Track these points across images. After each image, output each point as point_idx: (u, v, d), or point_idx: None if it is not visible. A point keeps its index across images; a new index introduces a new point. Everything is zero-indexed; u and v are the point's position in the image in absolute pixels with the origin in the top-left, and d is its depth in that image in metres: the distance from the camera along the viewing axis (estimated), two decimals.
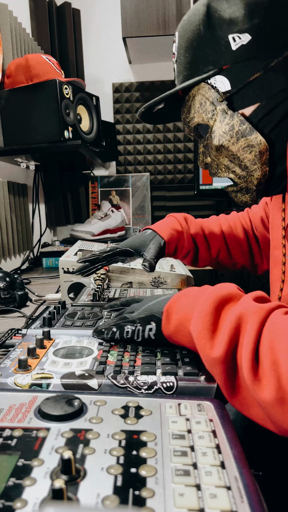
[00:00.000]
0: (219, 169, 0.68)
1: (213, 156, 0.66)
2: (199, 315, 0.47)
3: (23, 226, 1.68)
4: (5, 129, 1.34)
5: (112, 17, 2.03)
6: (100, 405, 0.43)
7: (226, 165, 0.66)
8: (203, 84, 0.62)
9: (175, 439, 0.37)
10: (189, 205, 2.14)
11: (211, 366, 0.45)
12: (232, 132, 0.61)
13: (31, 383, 0.50)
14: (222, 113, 0.61)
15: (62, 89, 1.26)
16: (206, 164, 0.71)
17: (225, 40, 0.57)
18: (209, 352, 0.44)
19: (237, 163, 0.64)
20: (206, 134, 0.66)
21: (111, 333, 0.60)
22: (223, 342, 0.43)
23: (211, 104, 0.62)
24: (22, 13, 1.77)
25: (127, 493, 0.30)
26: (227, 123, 0.61)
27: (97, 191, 2.11)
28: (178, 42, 0.64)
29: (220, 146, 0.63)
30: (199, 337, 0.46)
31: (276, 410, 0.38)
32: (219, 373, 0.44)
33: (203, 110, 0.63)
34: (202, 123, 0.65)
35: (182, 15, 1.71)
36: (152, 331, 0.56)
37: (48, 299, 1.08)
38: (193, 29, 0.61)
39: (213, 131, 0.63)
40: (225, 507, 0.29)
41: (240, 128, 0.60)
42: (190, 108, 0.66)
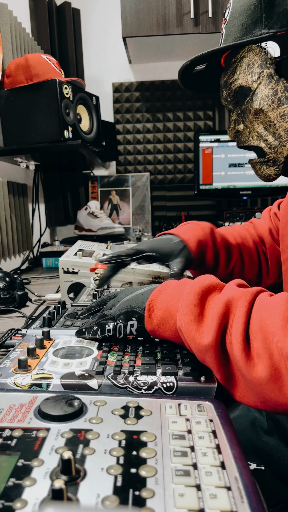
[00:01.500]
0: (250, 136, 0.67)
1: (248, 121, 0.66)
2: (185, 307, 0.48)
3: (23, 226, 1.68)
4: (5, 129, 1.34)
5: (112, 17, 2.03)
6: (100, 405, 0.43)
7: (260, 132, 0.65)
8: (255, 46, 0.63)
9: (175, 440, 0.37)
10: (189, 205, 2.14)
11: (203, 355, 0.46)
12: (274, 97, 0.61)
13: (31, 383, 0.50)
14: (268, 77, 0.62)
15: (62, 89, 1.26)
16: (237, 132, 0.70)
17: (283, 8, 0.59)
18: (200, 341, 0.45)
19: (272, 131, 0.64)
20: (245, 98, 0.66)
21: (92, 332, 0.60)
22: (212, 329, 0.44)
23: (259, 66, 0.62)
24: (22, 13, 1.77)
25: (127, 493, 0.30)
26: (271, 88, 0.62)
27: (97, 191, 2.11)
28: (233, 7, 0.66)
29: (259, 110, 0.63)
30: (187, 328, 0.47)
31: (270, 387, 0.39)
32: (212, 360, 0.44)
33: (249, 72, 0.63)
34: (245, 85, 0.64)
35: (182, 15, 1.71)
36: (134, 326, 0.57)
37: (48, 299, 1.08)
38: None
39: (256, 93, 0.63)
40: (225, 507, 0.29)
41: (282, 95, 0.61)
42: (235, 69, 0.66)
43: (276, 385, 0.39)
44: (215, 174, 1.95)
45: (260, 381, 0.39)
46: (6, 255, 1.51)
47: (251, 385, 0.42)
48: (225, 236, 0.89)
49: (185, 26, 1.72)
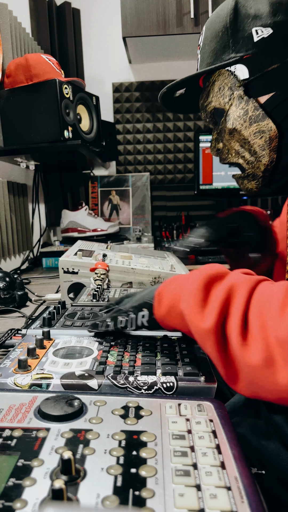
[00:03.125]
0: (229, 154, 0.71)
1: (226, 140, 0.70)
2: (189, 292, 0.49)
3: (23, 226, 1.68)
4: (5, 129, 1.34)
5: (112, 17, 2.03)
6: (100, 405, 0.43)
7: (237, 150, 0.69)
8: (224, 70, 0.67)
9: (175, 440, 0.37)
10: (189, 205, 2.14)
11: (203, 339, 0.46)
12: (245, 116, 0.65)
13: (31, 383, 0.50)
14: (238, 98, 0.66)
15: (62, 88, 1.26)
16: (217, 150, 0.74)
17: (248, 32, 0.63)
18: (200, 324, 0.45)
19: (247, 148, 0.67)
20: (220, 119, 0.70)
21: (105, 325, 0.61)
22: (214, 313, 0.45)
23: (229, 89, 0.66)
24: (22, 13, 1.77)
25: (127, 493, 0.30)
26: (242, 108, 0.65)
27: (97, 191, 2.11)
28: (205, 34, 0.71)
29: (233, 130, 0.67)
30: (190, 311, 0.47)
31: (264, 373, 0.39)
32: (211, 345, 0.44)
33: (221, 95, 0.68)
34: (219, 107, 0.69)
35: (182, 15, 1.71)
36: (144, 317, 0.57)
37: (48, 299, 1.08)
38: (220, 21, 0.67)
39: (228, 114, 0.67)
40: (225, 507, 0.29)
41: (253, 114, 0.65)
42: (209, 93, 0.70)
43: (269, 371, 0.39)
44: (215, 174, 1.95)
45: (253, 366, 0.39)
46: (6, 255, 1.51)
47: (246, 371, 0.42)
48: None
49: (185, 26, 1.72)
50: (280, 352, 0.38)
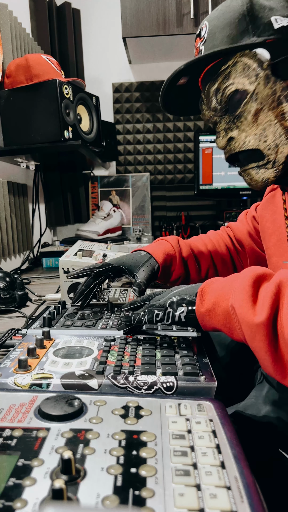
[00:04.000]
0: (247, 139, 0.67)
1: (246, 124, 0.67)
2: (239, 288, 0.50)
3: (23, 226, 1.68)
4: (5, 129, 1.34)
5: (112, 17, 2.03)
6: (100, 405, 0.43)
7: (259, 133, 0.66)
8: (247, 51, 0.65)
9: (175, 439, 0.37)
10: (189, 205, 2.14)
11: (254, 333, 0.46)
12: (274, 96, 0.64)
13: (31, 383, 0.50)
14: (266, 78, 0.64)
15: (62, 89, 1.26)
16: (229, 139, 0.70)
17: (268, 20, 0.63)
18: (252, 319, 0.46)
19: (272, 130, 0.65)
20: (240, 102, 0.67)
21: (138, 317, 0.62)
22: (265, 307, 0.45)
23: (255, 69, 0.64)
24: (22, 13, 1.77)
25: (127, 493, 0.30)
26: (270, 87, 0.64)
27: (97, 191, 2.11)
28: (211, 25, 0.68)
29: (259, 110, 0.65)
30: (241, 306, 0.48)
31: None
32: (262, 339, 0.45)
33: (246, 75, 0.65)
34: (242, 88, 0.66)
35: (182, 15, 1.71)
36: (183, 313, 0.58)
37: (48, 299, 1.08)
38: (234, 10, 0.65)
39: (255, 93, 0.65)
40: (225, 507, 0.29)
41: (281, 94, 0.63)
42: (229, 74, 0.66)
43: None
44: (215, 174, 1.95)
45: None
46: (6, 255, 1.51)
47: None
48: (194, 245, 0.93)
49: (185, 26, 1.72)
50: None
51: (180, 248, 0.90)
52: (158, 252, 0.84)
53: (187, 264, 0.90)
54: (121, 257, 0.85)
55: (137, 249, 0.87)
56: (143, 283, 0.77)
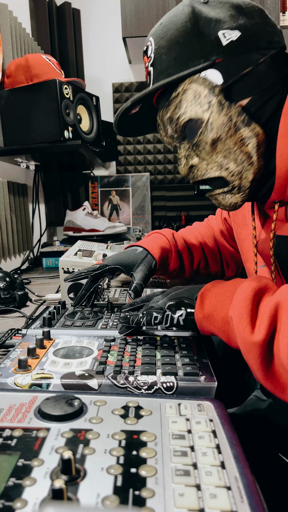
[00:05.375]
0: (209, 168, 0.64)
1: (205, 153, 0.63)
2: (239, 301, 0.49)
3: (23, 226, 1.68)
4: (5, 129, 1.34)
5: (112, 17, 2.03)
6: (100, 405, 0.43)
7: (220, 162, 0.63)
8: (196, 77, 0.61)
9: (175, 439, 0.37)
10: (189, 205, 2.14)
11: (248, 350, 0.46)
12: (230, 123, 0.60)
13: (31, 383, 0.50)
14: (219, 105, 0.60)
15: (62, 89, 1.26)
16: (191, 167, 0.67)
17: (215, 36, 0.59)
18: (249, 336, 0.46)
19: (233, 158, 0.61)
20: (196, 131, 0.63)
21: (137, 319, 0.62)
22: (263, 327, 0.45)
23: (206, 96, 0.60)
24: (22, 13, 1.77)
25: (127, 493, 0.30)
26: (225, 114, 0.60)
27: (97, 191, 2.11)
28: (156, 44, 0.63)
29: (217, 140, 0.61)
30: (239, 322, 0.48)
31: None
32: (255, 357, 0.45)
33: (198, 103, 0.61)
34: (195, 117, 0.62)
35: None
36: (182, 316, 0.58)
37: (48, 299, 1.08)
38: (179, 28, 0.61)
39: (210, 123, 0.61)
40: (225, 507, 0.29)
41: (238, 119, 0.59)
42: (180, 103, 0.63)
43: None
44: None
45: None
46: (6, 255, 1.51)
47: None
48: (186, 238, 0.94)
49: None
50: None
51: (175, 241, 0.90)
52: (155, 248, 0.84)
53: (182, 257, 0.91)
54: (117, 255, 0.84)
55: (132, 244, 0.87)
56: (140, 284, 0.77)
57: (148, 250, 0.83)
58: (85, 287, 0.82)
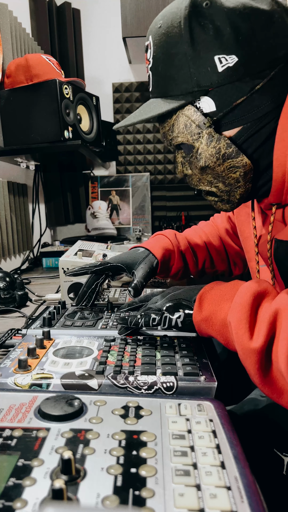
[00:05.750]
0: (200, 182, 0.67)
1: (196, 172, 0.66)
2: (239, 306, 0.49)
3: (23, 226, 1.68)
4: (5, 129, 1.34)
5: (112, 17, 2.03)
6: (100, 405, 0.43)
7: (209, 180, 0.66)
8: (189, 106, 0.61)
9: (175, 439, 0.37)
10: (189, 205, 2.14)
11: (246, 356, 0.47)
12: (218, 155, 0.61)
13: (31, 383, 0.50)
14: (209, 136, 0.61)
15: (62, 89, 1.26)
16: (185, 175, 0.70)
17: (211, 61, 0.56)
18: (248, 342, 0.46)
19: (221, 180, 0.64)
20: (189, 152, 0.65)
21: (135, 320, 0.62)
22: (262, 334, 0.45)
23: (197, 127, 0.61)
24: (22, 13, 1.77)
25: (127, 493, 0.30)
26: (213, 146, 0.61)
27: (97, 191, 2.11)
28: (154, 51, 0.62)
29: (205, 167, 0.63)
30: (238, 325, 0.48)
31: None
32: (253, 363, 0.46)
33: (188, 132, 0.62)
34: (187, 143, 0.64)
35: None
36: (180, 318, 0.58)
37: (48, 299, 1.08)
38: (174, 44, 0.58)
39: (199, 153, 0.62)
40: (225, 507, 0.29)
41: (226, 151, 0.61)
42: (173, 127, 0.64)
43: None
44: None
45: None
46: (6, 255, 1.51)
47: None
48: (190, 238, 0.95)
49: None
50: None
51: (178, 242, 0.90)
52: (156, 248, 0.84)
53: (185, 258, 0.90)
54: (120, 255, 0.84)
55: (136, 245, 0.87)
56: (140, 282, 0.77)
57: (150, 250, 0.84)
58: (86, 284, 0.82)
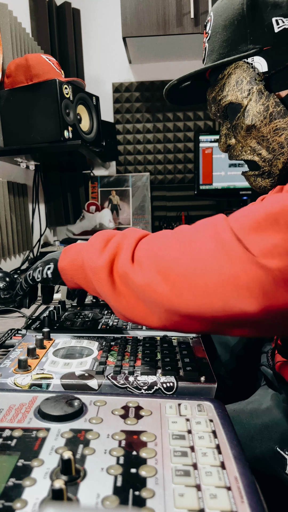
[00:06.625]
0: (243, 151, 0.68)
1: (240, 137, 0.66)
2: (90, 243, 0.58)
3: (23, 226, 1.68)
4: (5, 129, 1.34)
5: (112, 17, 2.03)
6: (100, 405, 0.43)
7: (253, 147, 0.66)
8: (242, 62, 0.63)
9: (175, 440, 0.37)
10: (189, 205, 2.14)
11: (95, 273, 0.54)
12: (266, 113, 0.62)
13: (31, 383, 0.50)
14: (258, 93, 0.62)
15: (62, 89, 1.26)
16: (228, 146, 0.71)
17: (268, 22, 0.60)
18: (95, 260, 0.54)
19: (265, 145, 0.64)
20: (235, 114, 0.66)
21: (20, 285, 0.71)
22: (107, 253, 0.53)
23: (248, 83, 0.63)
24: (22, 13, 1.77)
25: (127, 493, 0.30)
26: (262, 103, 0.62)
27: (97, 191, 2.11)
28: (215, 21, 0.66)
29: (251, 126, 0.64)
30: (88, 254, 0.56)
31: (159, 286, 0.46)
32: (102, 278, 0.52)
33: (239, 89, 0.64)
34: (235, 102, 0.65)
35: (182, 15, 1.71)
36: (50, 269, 0.64)
37: None
38: (236, 8, 0.62)
39: (247, 110, 0.63)
40: (225, 507, 0.29)
41: (274, 110, 0.61)
42: (224, 86, 0.66)
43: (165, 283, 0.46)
44: (215, 174, 1.95)
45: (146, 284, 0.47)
46: (6, 255, 1.50)
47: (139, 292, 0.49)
48: None
49: (185, 26, 1.72)
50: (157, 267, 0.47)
51: None
52: None
53: None
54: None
55: None
56: None
57: None
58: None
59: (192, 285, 0.45)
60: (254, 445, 0.61)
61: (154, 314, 0.49)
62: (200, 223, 0.50)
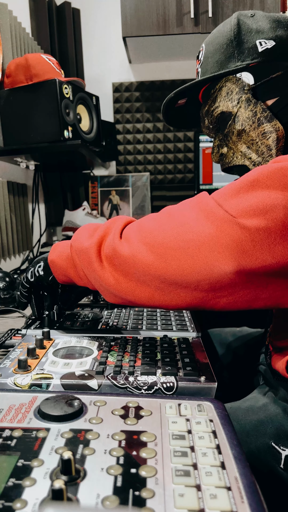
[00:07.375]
0: (235, 156, 0.74)
1: (232, 143, 0.73)
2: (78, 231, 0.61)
3: (23, 226, 1.68)
4: (5, 129, 1.34)
5: (112, 17, 2.03)
6: (100, 405, 0.43)
7: (243, 152, 0.72)
8: (231, 77, 0.71)
9: (175, 440, 0.37)
10: None
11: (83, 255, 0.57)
12: (254, 118, 0.69)
13: (31, 383, 0.50)
14: (247, 101, 0.69)
15: (62, 88, 1.26)
16: (221, 155, 0.77)
17: (253, 44, 0.69)
18: (83, 243, 0.57)
19: (255, 148, 0.70)
20: (227, 123, 0.73)
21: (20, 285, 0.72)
22: (96, 236, 0.57)
23: (237, 93, 0.70)
24: (22, 13, 1.77)
25: (127, 493, 0.30)
26: (250, 110, 0.69)
27: (97, 191, 2.11)
28: (206, 49, 0.75)
29: (241, 131, 0.70)
30: (76, 239, 0.59)
31: (146, 255, 0.50)
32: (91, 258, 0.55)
33: (229, 99, 0.71)
34: (226, 110, 0.72)
35: (182, 15, 1.71)
36: (40, 267, 0.68)
37: None
38: (224, 35, 0.72)
39: (237, 116, 0.70)
40: (225, 507, 0.29)
41: (262, 115, 0.68)
42: (216, 98, 0.73)
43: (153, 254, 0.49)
44: (215, 174, 1.95)
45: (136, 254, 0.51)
46: (6, 255, 1.50)
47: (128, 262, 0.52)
48: None
49: (185, 26, 1.72)
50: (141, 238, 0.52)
51: None
52: None
53: None
54: None
55: None
56: None
57: None
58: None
59: (175, 250, 0.49)
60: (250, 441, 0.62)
61: (142, 286, 0.52)
62: (185, 201, 0.56)
